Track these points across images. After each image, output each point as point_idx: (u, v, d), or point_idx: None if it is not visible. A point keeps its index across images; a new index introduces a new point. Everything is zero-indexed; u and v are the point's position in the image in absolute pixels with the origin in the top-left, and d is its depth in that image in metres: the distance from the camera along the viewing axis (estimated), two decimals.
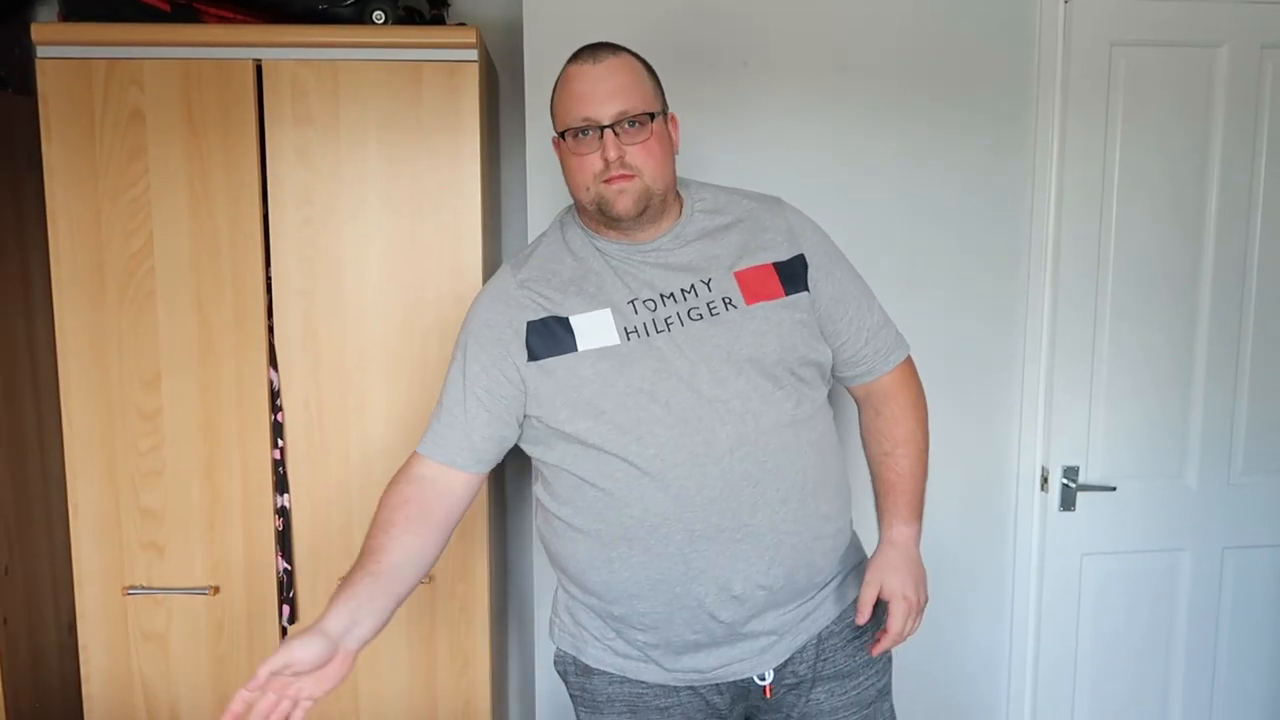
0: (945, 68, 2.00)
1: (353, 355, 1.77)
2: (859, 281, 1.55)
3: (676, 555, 1.37)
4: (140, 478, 1.78)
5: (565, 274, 1.44)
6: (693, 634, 1.42)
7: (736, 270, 1.43)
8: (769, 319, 1.41)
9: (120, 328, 1.74)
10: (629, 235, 1.44)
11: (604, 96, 1.36)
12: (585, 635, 1.50)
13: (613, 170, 1.36)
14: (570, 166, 1.41)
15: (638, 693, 1.48)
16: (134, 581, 1.80)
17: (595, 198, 1.39)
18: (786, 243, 1.47)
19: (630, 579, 1.40)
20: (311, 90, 1.71)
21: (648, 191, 1.39)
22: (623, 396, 1.36)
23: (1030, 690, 2.21)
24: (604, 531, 1.40)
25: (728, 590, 1.38)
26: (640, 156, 1.37)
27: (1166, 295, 2.10)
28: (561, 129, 1.41)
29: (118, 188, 1.71)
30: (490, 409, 1.42)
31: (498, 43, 2.13)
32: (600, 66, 1.38)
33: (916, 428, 1.55)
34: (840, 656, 1.50)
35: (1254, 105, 2.06)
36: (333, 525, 1.81)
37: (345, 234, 1.75)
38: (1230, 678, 2.24)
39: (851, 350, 1.51)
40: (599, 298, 1.41)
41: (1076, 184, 2.04)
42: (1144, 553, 2.18)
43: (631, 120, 1.37)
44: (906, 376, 1.57)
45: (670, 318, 1.39)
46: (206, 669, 1.83)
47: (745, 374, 1.38)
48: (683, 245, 1.45)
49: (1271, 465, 2.18)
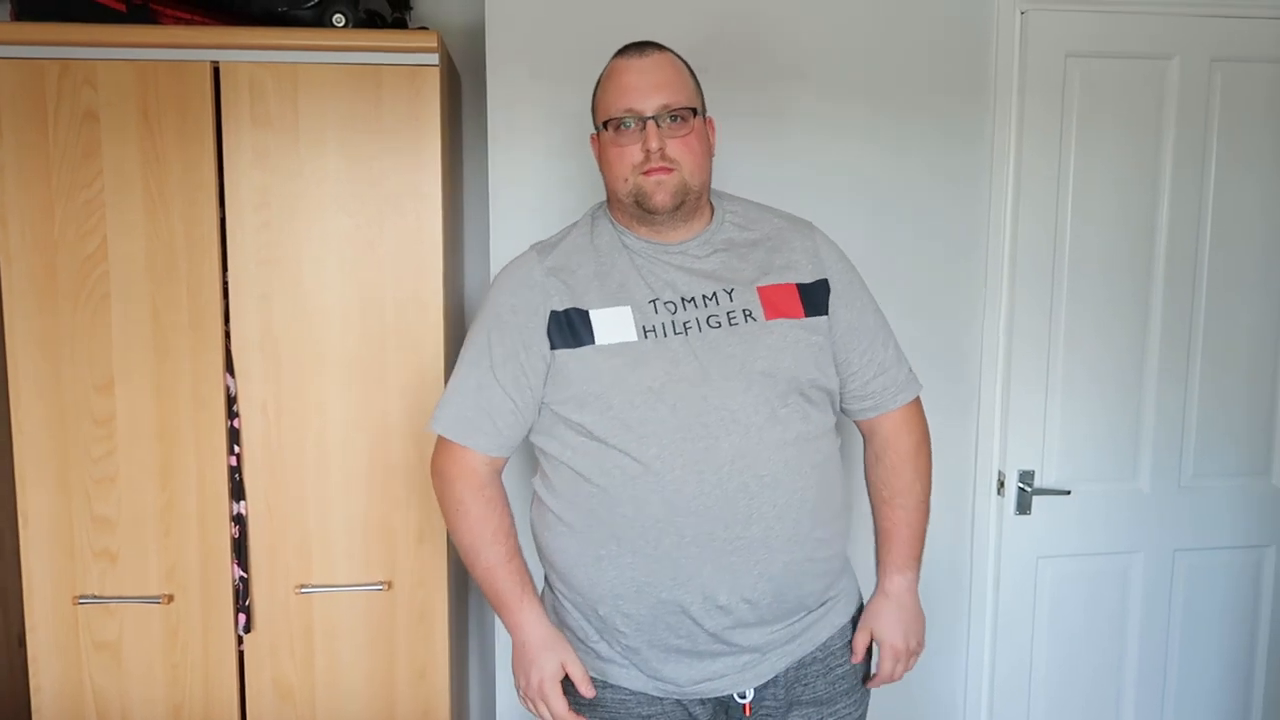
0: (904, 76, 2.03)
1: (311, 360, 1.76)
2: (878, 316, 1.56)
3: (665, 559, 1.38)
4: (93, 484, 1.74)
5: (590, 267, 1.46)
6: (676, 639, 1.42)
7: (759, 285, 1.45)
8: (786, 336, 1.42)
9: (73, 331, 1.71)
10: (659, 233, 1.46)
11: (649, 89, 1.39)
12: (570, 636, 1.50)
13: (653, 162, 1.39)
14: (609, 158, 1.44)
15: (620, 699, 1.47)
16: (86, 590, 1.77)
17: (633, 189, 1.41)
18: (811, 266, 1.49)
19: (617, 579, 1.40)
20: (270, 93, 1.69)
21: (685, 186, 1.41)
22: (632, 394, 1.37)
23: (987, 691, 2.23)
24: (595, 529, 1.41)
25: (713, 600, 1.39)
26: (680, 150, 1.40)
27: (1120, 304, 2.14)
28: (604, 119, 1.44)
29: (71, 189, 1.68)
30: (514, 398, 1.44)
31: (460, 47, 2.12)
32: (646, 60, 1.42)
33: (915, 479, 1.56)
34: (820, 684, 1.51)
35: (1203, 116, 2.11)
36: (290, 533, 1.79)
37: (304, 237, 1.73)
38: (1182, 676, 2.29)
39: (860, 382, 1.52)
40: (620, 295, 1.43)
41: (1032, 193, 2.08)
42: (1098, 555, 2.21)
43: (674, 115, 1.40)
44: (911, 420, 1.57)
45: (689, 322, 1.41)
46: (160, 679, 1.80)
47: (755, 387, 1.39)
48: (709, 252, 1.47)
49: (1220, 469, 2.23)
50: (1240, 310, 2.19)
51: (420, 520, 1.81)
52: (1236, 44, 2.09)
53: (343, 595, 1.81)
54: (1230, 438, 2.22)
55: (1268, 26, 2.09)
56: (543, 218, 1.97)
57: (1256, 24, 2.09)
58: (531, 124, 1.95)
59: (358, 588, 1.81)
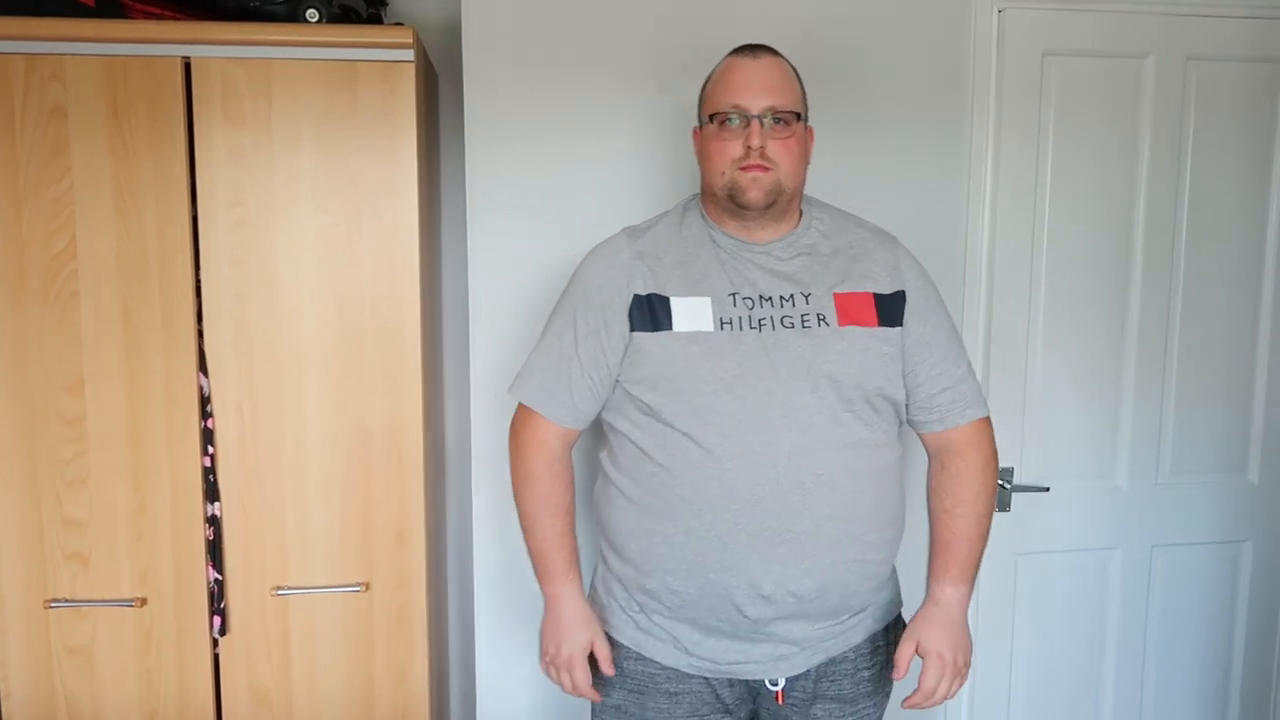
0: (880, 75, 2.03)
1: (287, 359, 1.74)
2: (952, 334, 1.57)
3: (715, 542, 1.42)
4: (63, 486, 1.72)
5: (675, 256, 1.51)
6: (717, 621, 1.47)
7: (836, 291, 1.49)
8: (856, 343, 1.46)
9: (42, 330, 1.68)
10: (748, 231, 1.51)
11: (758, 89, 1.44)
12: (613, 606, 1.56)
13: (752, 158, 1.43)
14: (710, 151, 1.48)
15: (650, 673, 1.53)
16: (57, 594, 1.74)
17: (729, 183, 1.46)
18: (890, 278, 1.53)
19: (668, 555, 1.46)
20: (243, 89, 1.67)
21: (779, 186, 1.45)
22: (702, 382, 1.43)
23: (968, 687, 2.24)
24: (654, 505, 1.46)
25: (757, 589, 1.43)
26: (779, 151, 1.44)
27: (1097, 302, 2.15)
28: (710, 113, 1.48)
29: (39, 186, 1.65)
30: (592, 374, 1.50)
31: (437, 43, 2.11)
32: (759, 62, 1.47)
33: (980, 491, 1.55)
34: (847, 683, 1.54)
35: (1179, 114, 2.12)
36: (266, 534, 1.77)
37: (279, 235, 1.71)
38: (1160, 670, 2.30)
39: (925, 395, 1.53)
40: (702, 285, 1.48)
41: (1010, 191, 2.08)
42: (1076, 551, 2.22)
43: (778, 117, 1.44)
44: (979, 438, 1.57)
45: (764, 319, 1.45)
46: (134, 683, 1.77)
47: (820, 390, 1.43)
48: (793, 255, 1.51)
49: (1197, 465, 2.25)
50: (1217, 308, 2.20)
51: (399, 520, 1.80)
52: (1212, 43, 2.10)
53: (320, 597, 1.80)
54: (1207, 435, 2.24)
55: (1242, 26, 2.11)
56: (520, 215, 1.95)
57: (1231, 23, 2.10)
58: (509, 121, 1.93)
59: (335, 589, 1.79)
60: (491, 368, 1.99)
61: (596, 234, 1.95)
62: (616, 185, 1.97)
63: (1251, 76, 2.14)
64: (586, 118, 1.95)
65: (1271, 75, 2.14)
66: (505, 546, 2.04)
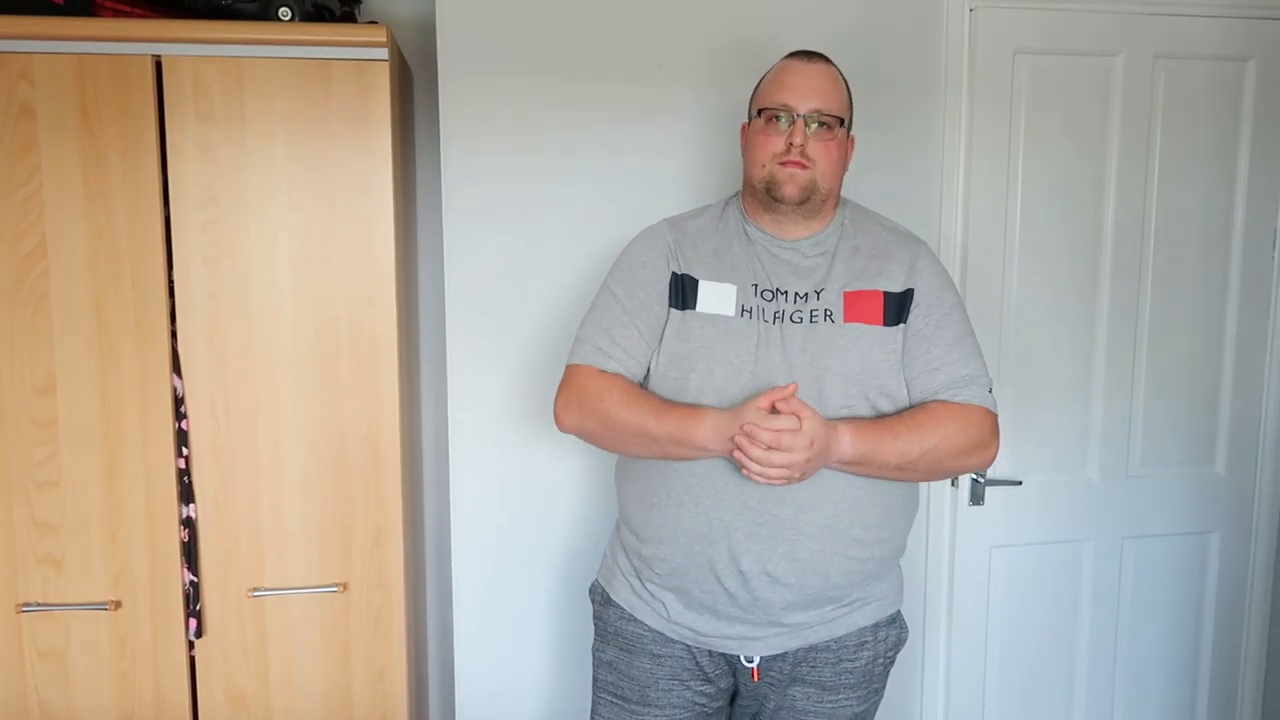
0: (851, 74, 2.02)
1: (261, 358, 1.73)
2: (963, 339, 1.55)
3: (702, 516, 1.49)
4: (35, 488, 1.70)
5: (710, 245, 1.59)
6: (700, 593, 1.53)
7: (847, 290, 1.53)
8: (859, 341, 1.50)
9: (11, 332, 1.66)
10: (780, 226, 1.57)
11: (807, 92, 1.51)
12: (616, 570, 1.65)
13: (792, 155, 1.50)
14: (754, 144, 1.55)
15: (638, 633, 1.61)
16: (29, 598, 1.72)
17: (768, 176, 1.52)
18: (904, 276, 1.56)
19: (662, 525, 1.53)
20: (215, 87, 1.66)
21: (814, 185, 1.51)
22: (714, 362, 1.49)
23: (944, 679, 2.26)
24: (651, 477, 1.54)
25: (736, 563, 1.49)
26: (819, 152, 1.51)
27: (1068, 297, 2.18)
28: (759, 108, 1.55)
29: (7, 186, 1.63)
30: (648, 340, 1.55)
31: (411, 42, 2.10)
32: (812, 67, 1.54)
33: (937, 440, 1.47)
34: (828, 671, 1.58)
35: (1148, 111, 2.15)
36: (242, 535, 1.76)
37: (252, 233, 1.70)
38: (1131, 659, 2.34)
39: (921, 388, 1.52)
40: (731, 274, 1.55)
41: (982, 188, 2.10)
42: (1049, 544, 2.25)
43: (823, 120, 1.51)
44: (971, 417, 1.50)
45: (779, 312, 1.52)
46: (108, 688, 1.76)
47: (820, 384, 1.48)
48: (818, 254, 1.57)
49: (1166, 458, 2.28)
50: (1184, 303, 2.23)
51: (376, 520, 1.79)
52: (1179, 41, 2.13)
53: (297, 598, 1.79)
54: (1175, 428, 2.27)
55: (1209, 24, 2.14)
56: (496, 214, 1.95)
57: (1198, 21, 2.13)
58: (484, 120, 1.93)
59: (313, 590, 1.79)
60: (468, 367, 1.98)
61: (574, 233, 1.97)
62: (593, 183, 1.97)
63: (1218, 74, 2.17)
64: (563, 116, 1.95)
65: (1238, 73, 2.18)
66: (484, 546, 2.04)
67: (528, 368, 2.00)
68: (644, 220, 1.73)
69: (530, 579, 2.07)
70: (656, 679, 1.60)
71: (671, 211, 1.77)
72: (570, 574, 2.07)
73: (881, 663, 1.62)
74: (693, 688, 1.60)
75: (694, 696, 1.60)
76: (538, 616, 2.08)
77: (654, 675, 1.60)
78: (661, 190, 1.98)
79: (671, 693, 1.59)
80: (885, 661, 1.63)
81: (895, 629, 1.63)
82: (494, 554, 2.05)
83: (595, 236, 1.97)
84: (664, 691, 1.59)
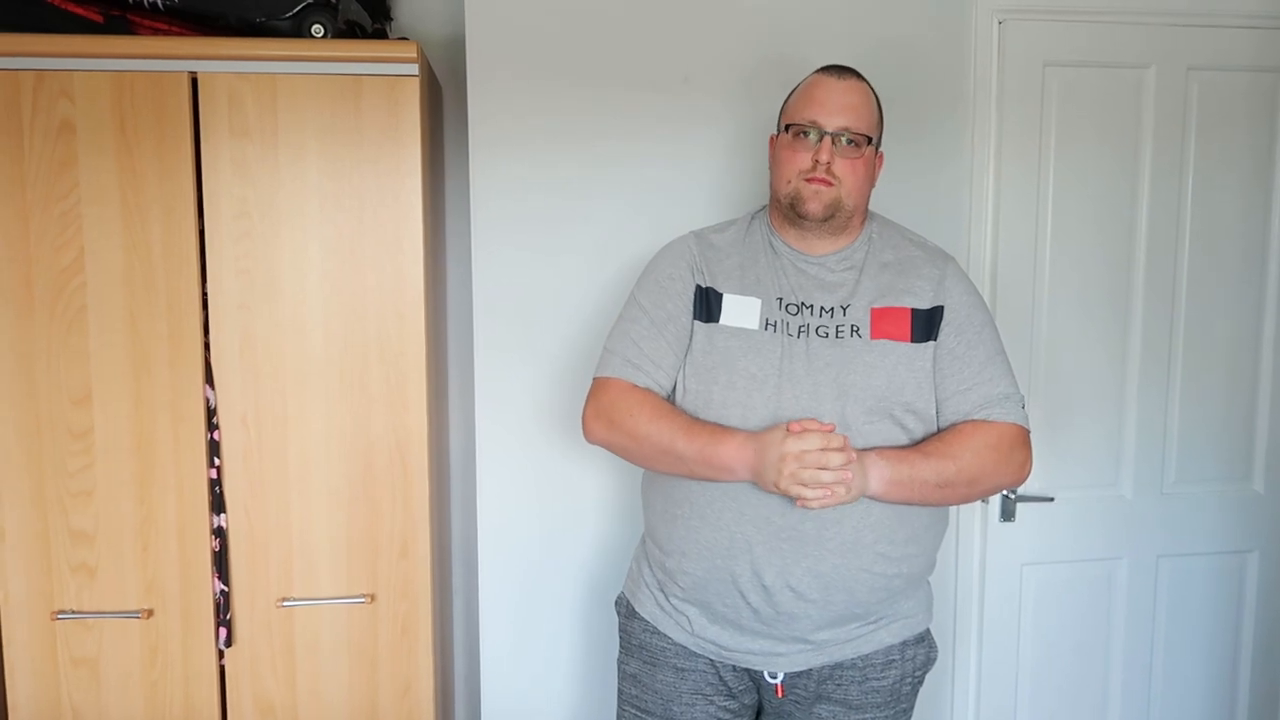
0: (883, 86, 2.02)
1: (292, 370, 1.75)
2: (995, 357, 1.54)
3: (724, 530, 1.49)
4: (70, 498, 1.73)
5: (735, 259, 1.59)
6: (723, 607, 1.52)
7: (874, 306, 1.53)
8: (886, 358, 1.49)
9: (49, 344, 1.69)
10: (805, 241, 1.57)
11: (835, 109, 1.51)
12: (641, 583, 1.65)
13: (818, 171, 1.50)
14: (781, 159, 1.55)
15: (662, 647, 1.61)
16: (63, 606, 1.75)
17: (793, 192, 1.52)
18: (932, 293, 1.55)
19: (685, 538, 1.53)
20: (249, 103, 1.69)
21: (839, 202, 1.51)
22: (736, 375, 1.49)
23: (974, 699, 2.23)
24: (675, 489, 1.54)
25: (759, 577, 1.48)
26: (845, 169, 1.51)
27: (1100, 311, 2.15)
28: (788, 123, 1.55)
29: (47, 200, 1.67)
30: (676, 351, 1.55)
31: (442, 58, 2.12)
32: (842, 83, 1.53)
33: (971, 457, 1.46)
34: (854, 689, 1.56)
35: (1181, 124, 2.12)
36: (272, 545, 1.78)
37: (284, 247, 1.72)
38: (1166, 681, 2.29)
39: (952, 408, 1.51)
40: (755, 288, 1.55)
41: (1012, 202, 2.09)
42: (1082, 562, 2.22)
43: (850, 138, 1.51)
44: (1003, 433, 1.50)
45: (804, 327, 1.51)
46: (139, 695, 1.78)
47: (844, 399, 1.47)
48: (844, 269, 1.57)
49: (1202, 474, 2.24)
50: (1219, 317, 2.20)
51: (404, 532, 1.80)
52: (1212, 53, 2.11)
53: (325, 608, 1.80)
54: (1211, 444, 2.23)
55: (1242, 35, 2.11)
56: (525, 228, 1.96)
57: (1231, 33, 2.11)
58: (513, 134, 1.95)
59: (340, 600, 1.80)
60: (496, 378, 1.99)
61: (601, 245, 1.98)
62: (621, 196, 1.98)
63: (1252, 86, 2.14)
64: (590, 129, 1.96)
65: (1272, 84, 2.15)
66: (510, 557, 2.04)
67: (555, 380, 2.00)
68: (671, 233, 1.74)
69: (557, 591, 2.07)
70: (680, 693, 1.59)
71: (699, 224, 1.77)
72: (597, 586, 2.07)
73: (909, 682, 1.60)
74: (716, 703, 1.59)
75: (717, 712, 1.59)
76: (564, 628, 2.08)
77: (677, 689, 1.59)
78: (689, 203, 1.98)
79: (695, 707, 1.58)
80: (913, 681, 1.61)
81: (924, 648, 1.61)
82: (521, 565, 2.05)
83: (623, 249, 1.97)
84: (687, 706, 1.58)
